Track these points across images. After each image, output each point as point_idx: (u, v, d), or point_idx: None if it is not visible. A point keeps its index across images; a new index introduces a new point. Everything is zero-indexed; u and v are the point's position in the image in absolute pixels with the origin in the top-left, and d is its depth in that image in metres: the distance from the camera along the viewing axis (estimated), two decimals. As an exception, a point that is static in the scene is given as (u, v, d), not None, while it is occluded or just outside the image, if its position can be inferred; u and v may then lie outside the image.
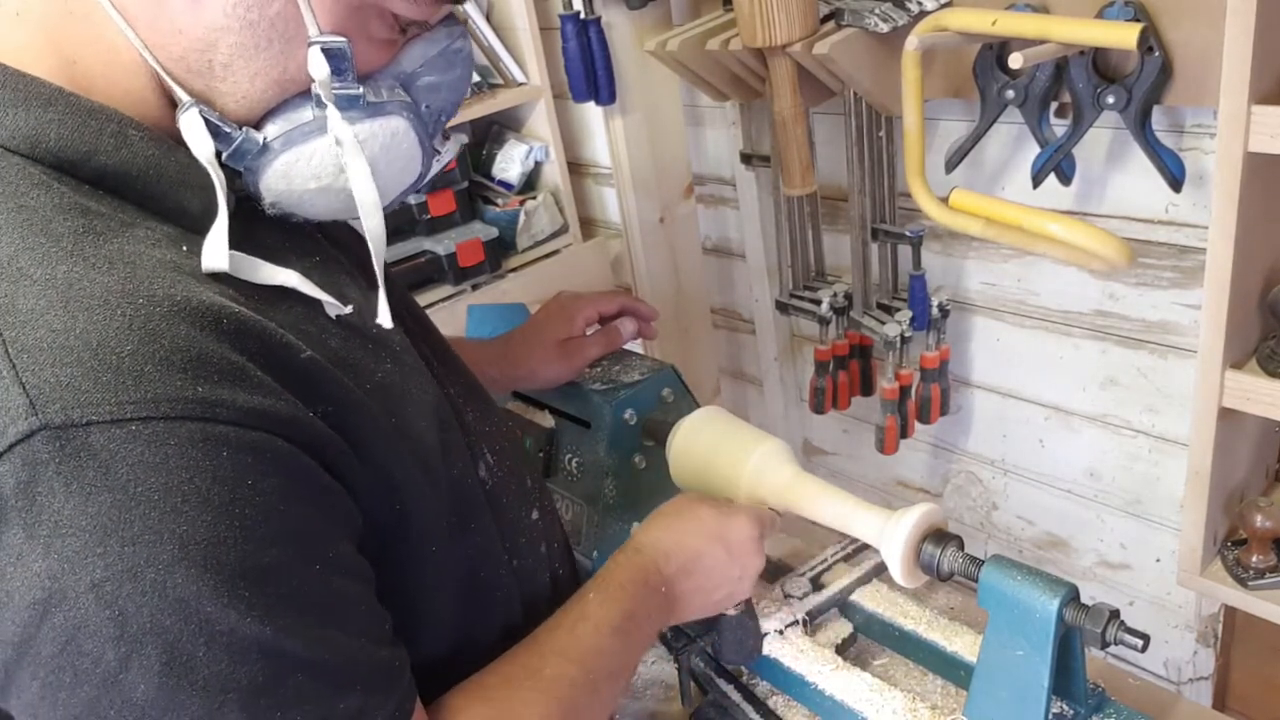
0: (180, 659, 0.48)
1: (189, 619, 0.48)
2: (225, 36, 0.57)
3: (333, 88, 0.58)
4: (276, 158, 0.59)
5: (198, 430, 0.48)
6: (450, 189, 1.88)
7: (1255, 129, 0.93)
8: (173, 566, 0.47)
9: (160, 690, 0.48)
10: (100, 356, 0.48)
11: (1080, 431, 1.49)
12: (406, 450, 0.61)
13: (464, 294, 1.88)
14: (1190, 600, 1.45)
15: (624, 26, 1.65)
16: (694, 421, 1.02)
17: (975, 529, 1.73)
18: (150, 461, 0.47)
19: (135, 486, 0.47)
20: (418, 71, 0.64)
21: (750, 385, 2.05)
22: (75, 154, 0.55)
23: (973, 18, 1.13)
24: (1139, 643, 0.71)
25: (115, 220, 0.55)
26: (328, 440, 0.55)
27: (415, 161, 0.64)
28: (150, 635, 0.47)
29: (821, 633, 0.95)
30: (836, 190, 1.61)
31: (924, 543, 0.81)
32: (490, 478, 0.72)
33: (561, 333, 1.06)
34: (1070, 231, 1.11)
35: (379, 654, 0.57)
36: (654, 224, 1.84)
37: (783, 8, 1.26)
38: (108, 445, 0.47)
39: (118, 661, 0.47)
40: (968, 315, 1.55)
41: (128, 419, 0.47)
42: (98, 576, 0.47)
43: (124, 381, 0.47)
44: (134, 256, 0.53)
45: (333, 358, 0.58)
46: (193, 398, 0.49)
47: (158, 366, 0.48)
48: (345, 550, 0.57)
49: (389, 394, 0.62)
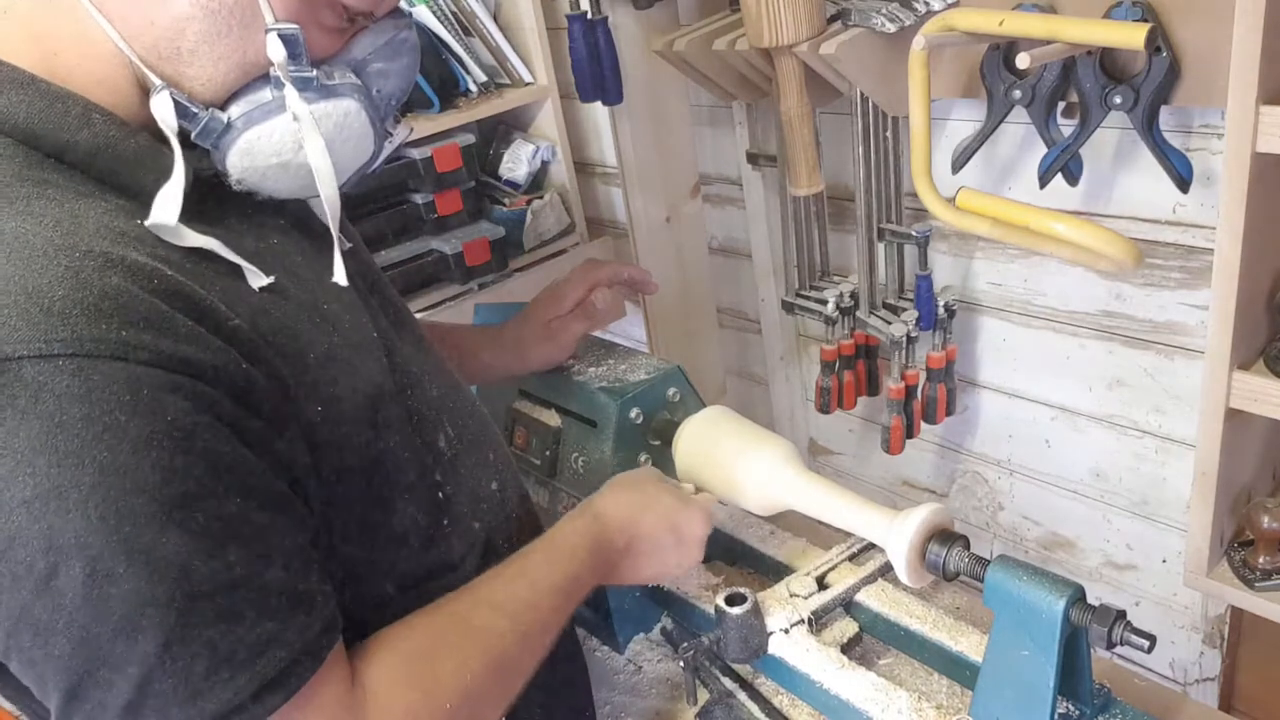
0: (101, 571, 0.52)
1: (109, 536, 0.52)
2: (191, 24, 0.62)
3: (289, 70, 0.65)
4: (240, 135, 0.65)
5: (120, 369, 0.53)
6: (457, 189, 1.89)
7: (1263, 129, 0.93)
8: (94, 488, 0.52)
9: (85, 599, 0.53)
10: (34, 299, 0.53)
11: (1086, 432, 1.49)
12: (339, 416, 0.66)
13: (471, 293, 1.89)
14: (1197, 601, 1.45)
15: (631, 27, 1.66)
16: (700, 421, 1.02)
17: (981, 529, 1.73)
18: (74, 393, 0.52)
19: (61, 415, 0.52)
20: (368, 59, 0.69)
21: (756, 385, 2.05)
22: (41, 130, 0.61)
23: (980, 18, 1.13)
24: (1145, 643, 0.71)
25: (71, 191, 0.60)
26: (256, 388, 0.60)
27: (368, 140, 0.70)
28: (74, 549, 0.52)
29: (827, 632, 0.95)
30: (843, 190, 1.61)
31: (930, 543, 0.81)
32: (449, 448, 0.79)
33: (549, 313, 1.09)
34: (1077, 232, 1.11)
35: (298, 587, 0.60)
36: (660, 223, 1.85)
37: (789, 8, 1.26)
38: (37, 377, 0.52)
39: (47, 569, 0.52)
40: (974, 315, 1.55)
41: (55, 355, 0.52)
42: (28, 494, 0.52)
43: (53, 322, 0.52)
44: (81, 219, 0.58)
45: (271, 325, 0.63)
46: (116, 339, 0.53)
47: (85, 311, 0.53)
48: (272, 486, 0.60)
49: (333, 363, 0.67)
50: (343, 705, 0.62)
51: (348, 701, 0.62)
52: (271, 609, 0.58)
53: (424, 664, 0.67)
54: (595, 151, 2.09)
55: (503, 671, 0.72)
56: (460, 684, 0.68)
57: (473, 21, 1.89)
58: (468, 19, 1.89)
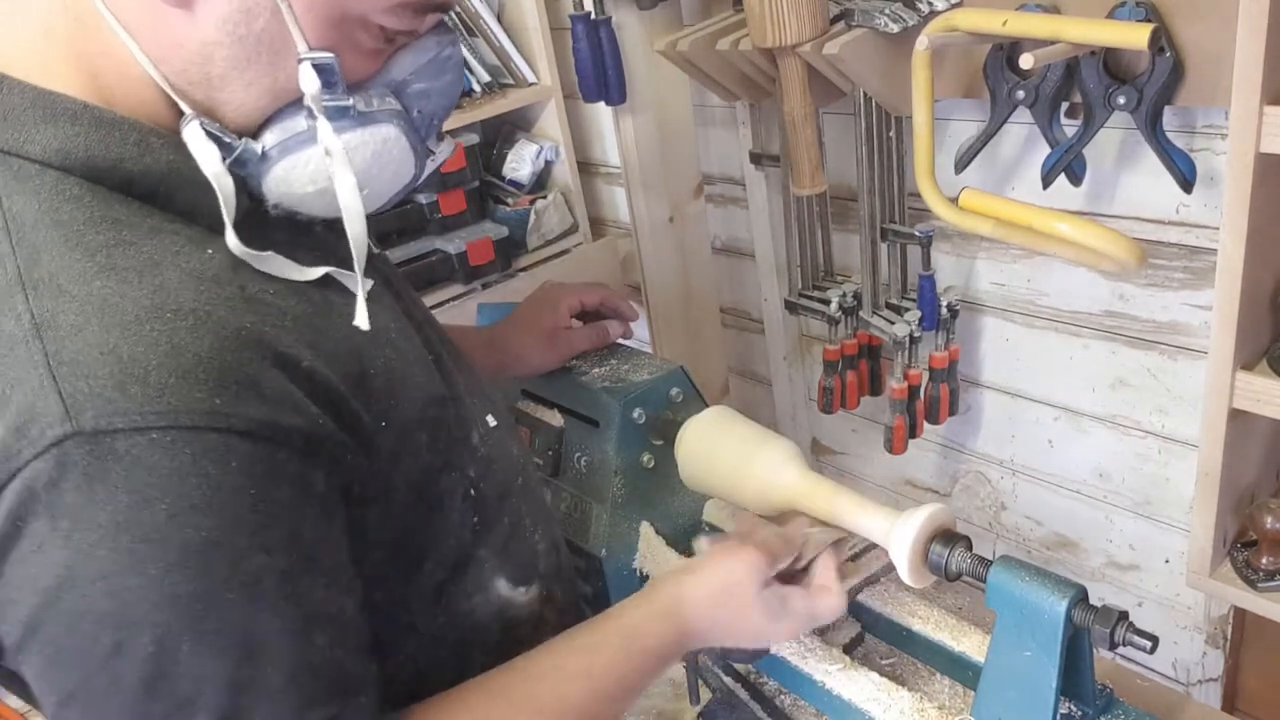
0: (168, 649, 0.52)
1: (181, 614, 0.52)
2: (218, 50, 0.60)
3: (323, 100, 0.61)
4: (275, 165, 0.63)
5: (212, 439, 0.53)
6: (461, 188, 1.89)
7: (1267, 130, 0.93)
8: (174, 566, 0.52)
9: (144, 678, 0.52)
10: (129, 369, 0.52)
11: (1089, 432, 1.49)
12: (400, 432, 0.66)
13: (474, 293, 1.89)
14: (1199, 601, 1.45)
15: (634, 27, 1.66)
16: (702, 421, 1.02)
17: (984, 529, 1.73)
18: (167, 467, 0.52)
19: (150, 490, 0.51)
20: (408, 79, 0.66)
21: (759, 385, 2.05)
22: (103, 163, 0.59)
23: (983, 18, 1.13)
24: (1148, 644, 0.71)
25: (143, 227, 0.59)
26: (335, 446, 0.59)
27: (407, 165, 0.67)
28: (145, 625, 0.52)
29: (829, 632, 0.95)
30: (846, 190, 1.61)
31: (932, 543, 0.81)
32: (482, 445, 0.77)
33: (547, 321, 1.10)
34: (1080, 232, 1.11)
35: (357, 668, 0.60)
36: (663, 223, 1.85)
37: (793, 8, 1.26)
38: (130, 450, 0.51)
39: (112, 645, 0.52)
40: (977, 315, 1.55)
41: (149, 427, 0.52)
42: (107, 568, 0.51)
43: (149, 393, 0.52)
44: (162, 265, 0.57)
45: (332, 352, 0.62)
46: (209, 409, 0.53)
47: (180, 379, 0.53)
48: (342, 562, 0.60)
49: (389, 379, 0.66)
50: None
51: None
52: (330, 689, 0.57)
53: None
54: (598, 151, 2.09)
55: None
56: None
57: (476, 22, 1.90)
58: (471, 19, 1.89)
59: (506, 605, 0.79)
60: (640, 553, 1.05)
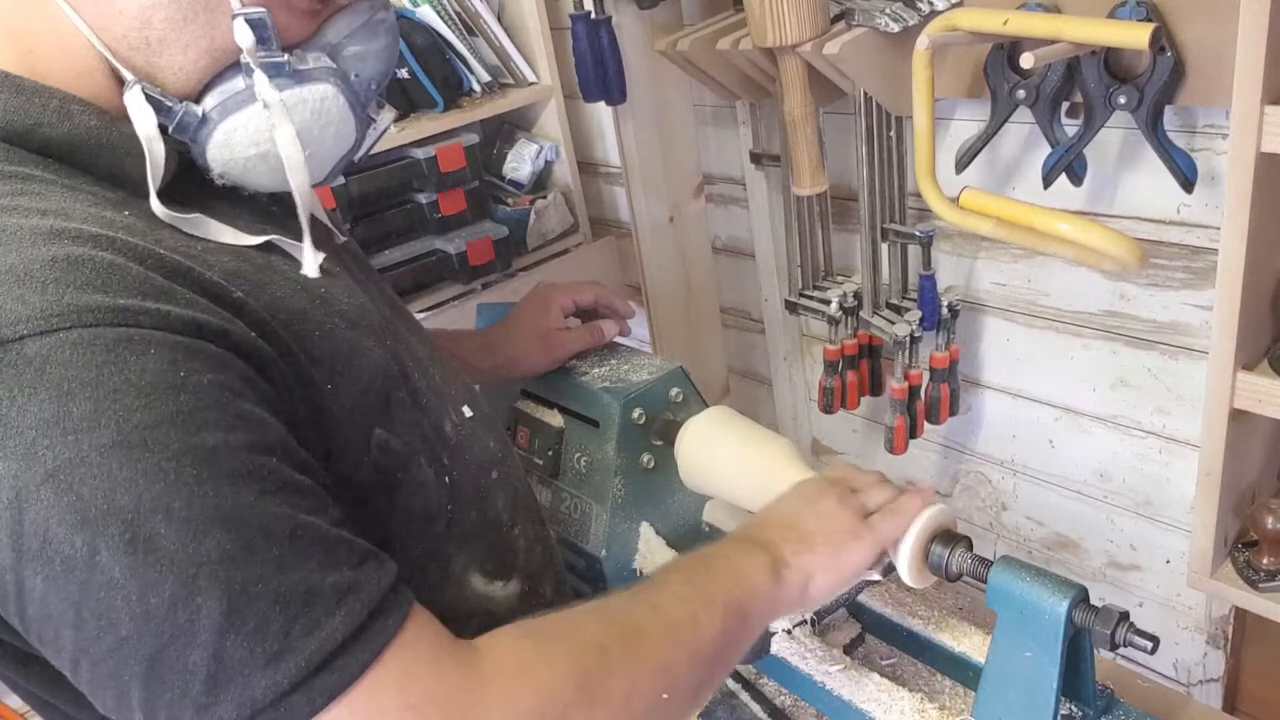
0: (141, 536, 0.50)
1: (140, 496, 0.50)
2: (156, 13, 0.61)
3: (258, 55, 0.63)
4: (216, 127, 0.64)
5: (123, 334, 0.52)
6: (461, 188, 1.89)
7: (1268, 129, 0.93)
8: (113, 449, 0.50)
9: (131, 568, 0.49)
10: (27, 283, 0.52)
11: (1090, 432, 1.49)
12: (347, 396, 0.64)
13: (474, 293, 1.89)
14: (1200, 602, 1.45)
15: (635, 26, 1.66)
16: (703, 421, 1.02)
17: (984, 529, 1.72)
18: (80, 360, 0.51)
19: (70, 384, 0.50)
20: (343, 42, 0.68)
21: (759, 385, 2.05)
22: (22, 127, 0.60)
23: (984, 17, 1.13)
24: (1148, 644, 0.71)
25: (58, 185, 0.59)
26: (263, 353, 0.58)
27: (349, 126, 0.68)
28: (108, 516, 0.49)
29: (830, 632, 0.95)
30: (846, 190, 1.61)
31: (933, 543, 0.81)
32: (455, 434, 0.77)
33: (540, 322, 1.10)
34: (1081, 231, 1.11)
35: (357, 542, 0.56)
36: (664, 223, 1.85)
37: (793, 8, 1.26)
38: (40, 352, 0.50)
39: (87, 546, 0.49)
40: (978, 315, 1.55)
41: (55, 329, 0.51)
42: (49, 467, 0.49)
43: (48, 299, 0.51)
44: (69, 209, 0.57)
45: (274, 302, 0.61)
46: (114, 307, 0.52)
47: (79, 288, 0.52)
48: (295, 448, 0.57)
49: (335, 344, 0.65)
50: (446, 651, 0.56)
51: (451, 648, 0.57)
52: (338, 559, 0.54)
53: (547, 634, 0.61)
54: (599, 151, 2.09)
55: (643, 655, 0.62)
56: (590, 658, 0.60)
57: (476, 21, 1.89)
58: (471, 19, 1.89)
59: (484, 599, 0.78)
60: (640, 553, 1.05)
